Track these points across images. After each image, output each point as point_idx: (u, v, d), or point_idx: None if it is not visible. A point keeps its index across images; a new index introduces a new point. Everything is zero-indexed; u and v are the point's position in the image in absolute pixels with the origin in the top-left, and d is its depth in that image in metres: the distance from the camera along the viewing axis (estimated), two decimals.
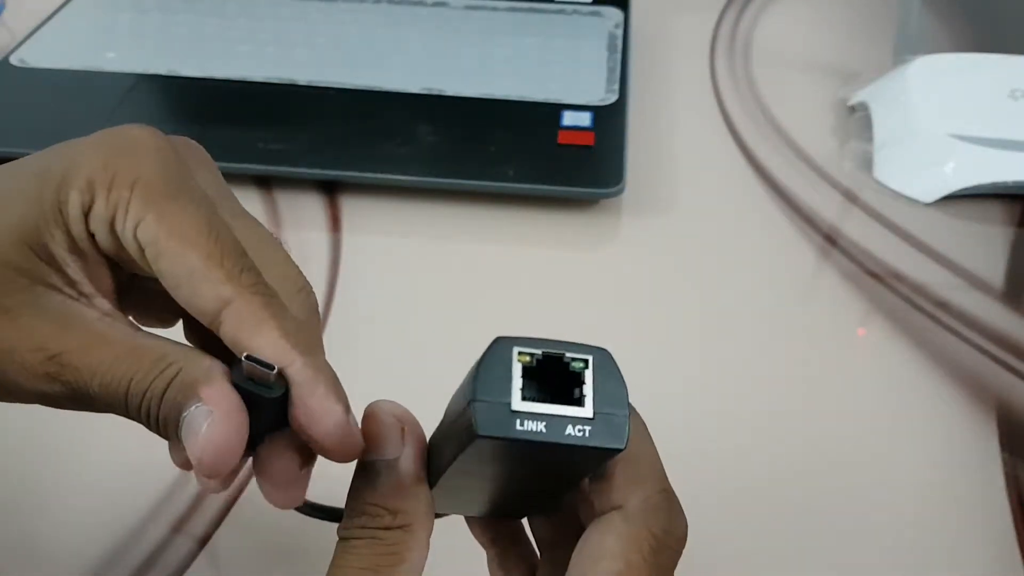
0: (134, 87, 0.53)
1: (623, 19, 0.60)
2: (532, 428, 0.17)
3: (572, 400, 0.17)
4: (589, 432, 0.17)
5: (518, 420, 0.17)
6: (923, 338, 0.41)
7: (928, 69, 0.52)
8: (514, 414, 0.17)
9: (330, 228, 0.47)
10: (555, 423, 0.17)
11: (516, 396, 0.17)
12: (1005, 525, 0.34)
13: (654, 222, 0.47)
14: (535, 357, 0.18)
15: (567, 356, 0.18)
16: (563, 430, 0.17)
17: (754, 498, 0.35)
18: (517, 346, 0.18)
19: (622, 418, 0.17)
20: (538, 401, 0.17)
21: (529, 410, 0.17)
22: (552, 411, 0.17)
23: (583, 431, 0.17)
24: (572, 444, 0.17)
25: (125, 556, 0.33)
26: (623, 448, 0.17)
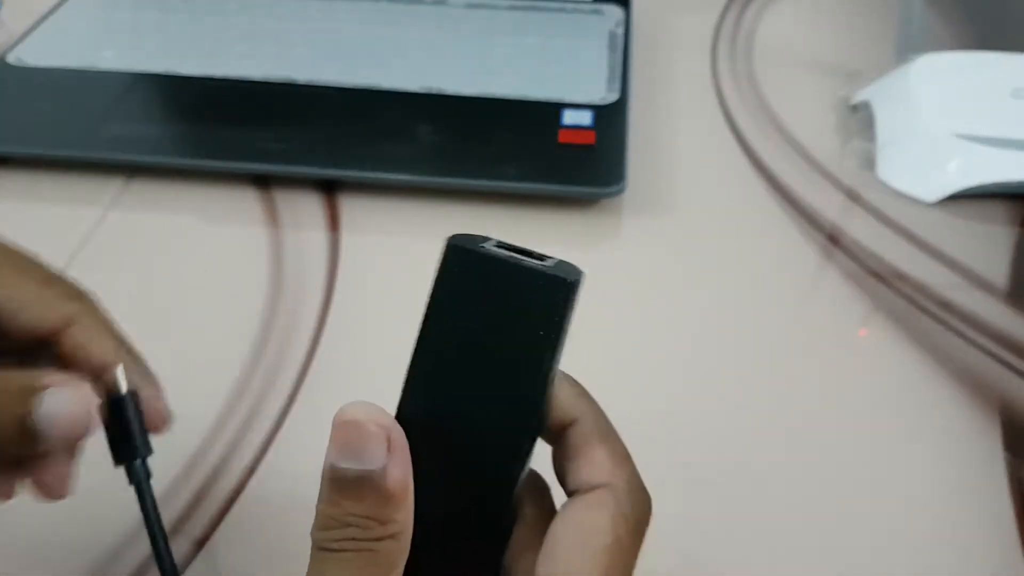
0: (131, 86, 0.53)
1: (624, 18, 0.60)
2: (499, 254, 0.21)
3: (536, 258, 0.21)
4: (550, 268, 0.20)
5: (487, 247, 0.21)
6: (926, 338, 0.41)
7: (931, 68, 0.52)
8: (484, 247, 0.21)
9: (329, 227, 0.46)
10: (519, 260, 0.21)
11: (491, 243, 0.21)
12: (1008, 526, 0.34)
13: (655, 222, 0.47)
14: (502, 244, 0.21)
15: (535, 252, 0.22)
16: (526, 264, 0.20)
17: (755, 498, 0.35)
18: (483, 244, 0.21)
19: (577, 270, 0.21)
20: (509, 251, 0.21)
21: (499, 250, 0.21)
22: (519, 257, 0.21)
23: (544, 267, 0.20)
24: (534, 268, 0.20)
25: (123, 557, 0.33)
26: (580, 278, 0.21)
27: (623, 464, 0.22)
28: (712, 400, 0.38)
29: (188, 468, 0.36)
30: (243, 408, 0.38)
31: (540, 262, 0.21)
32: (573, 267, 0.21)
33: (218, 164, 0.48)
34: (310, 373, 0.39)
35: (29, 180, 0.49)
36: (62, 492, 0.25)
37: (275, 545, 0.33)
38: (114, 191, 0.48)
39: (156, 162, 0.49)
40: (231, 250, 0.45)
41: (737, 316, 0.42)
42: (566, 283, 0.20)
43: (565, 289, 0.20)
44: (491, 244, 0.22)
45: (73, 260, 0.45)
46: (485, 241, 0.22)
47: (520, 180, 0.47)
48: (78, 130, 0.50)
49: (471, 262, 0.21)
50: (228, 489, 0.35)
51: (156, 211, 0.47)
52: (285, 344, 0.40)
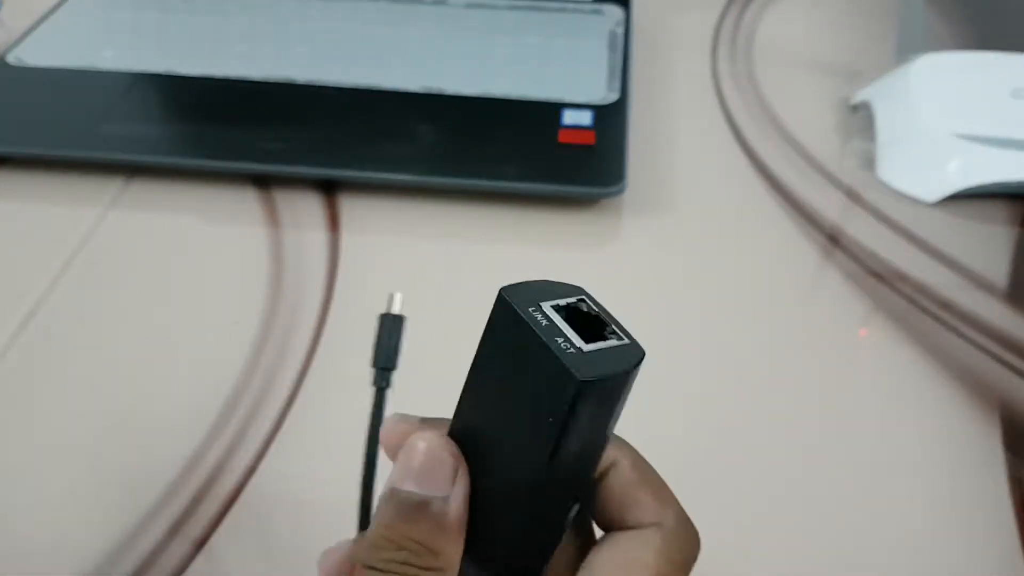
0: (131, 86, 0.53)
1: (624, 18, 0.60)
2: (535, 320, 0.18)
3: (604, 335, 0.18)
4: (573, 356, 0.18)
5: (538, 307, 0.18)
6: (926, 338, 0.41)
7: (931, 68, 0.52)
8: (529, 309, 0.18)
9: (329, 227, 0.46)
10: (550, 334, 0.18)
11: (550, 303, 0.18)
12: (1008, 526, 0.34)
13: (655, 221, 0.47)
14: (561, 307, 0.19)
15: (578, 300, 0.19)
16: (551, 344, 0.18)
17: (755, 498, 0.35)
18: (543, 301, 0.19)
19: (632, 338, 0.19)
20: (595, 340, 0.18)
21: (546, 314, 0.18)
22: (606, 345, 0.18)
23: (568, 352, 0.18)
24: (552, 352, 0.18)
25: (123, 558, 0.33)
26: (603, 377, 0.18)
27: (670, 504, 0.21)
28: (712, 400, 0.38)
29: (188, 468, 0.36)
30: (243, 408, 0.38)
31: (581, 343, 0.18)
32: (616, 357, 0.18)
33: (218, 164, 0.48)
34: (310, 373, 0.39)
35: (29, 180, 0.49)
36: None
37: (275, 545, 0.33)
38: (114, 191, 0.48)
39: (156, 162, 0.48)
40: (231, 250, 0.45)
41: (737, 316, 0.42)
42: (574, 381, 0.17)
43: (572, 387, 0.17)
44: (549, 304, 0.19)
45: (73, 260, 0.45)
46: (548, 297, 0.19)
47: (520, 180, 0.47)
48: (78, 130, 0.50)
49: (510, 320, 0.19)
50: (228, 489, 0.35)
51: (156, 211, 0.47)
52: (285, 344, 0.40)
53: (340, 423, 0.35)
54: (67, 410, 0.38)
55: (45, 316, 0.42)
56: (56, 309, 0.42)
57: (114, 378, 0.39)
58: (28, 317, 0.42)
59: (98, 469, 0.36)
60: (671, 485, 0.36)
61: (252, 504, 0.34)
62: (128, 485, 0.35)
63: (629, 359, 0.18)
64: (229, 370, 0.39)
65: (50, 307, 0.42)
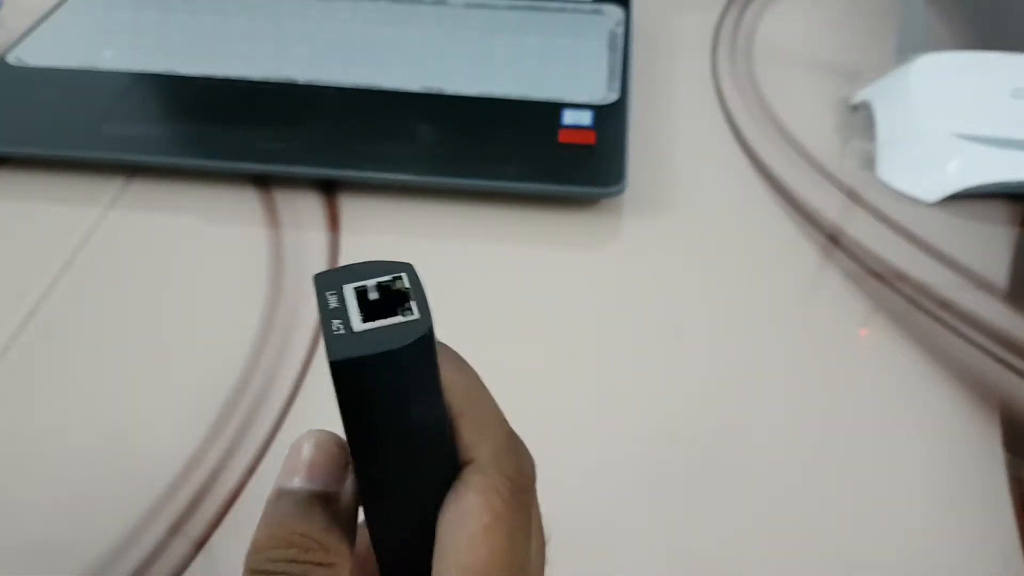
0: (131, 86, 0.53)
1: (624, 17, 0.60)
2: (330, 303, 0.18)
3: (396, 312, 0.18)
4: (344, 337, 0.17)
5: (340, 289, 0.18)
6: (926, 338, 0.41)
7: (931, 68, 0.52)
8: (358, 335, 0.17)
9: (329, 227, 0.46)
10: (394, 331, 0.17)
11: (357, 321, 0.18)
12: (1008, 526, 0.34)
13: (655, 222, 0.47)
14: (367, 287, 0.18)
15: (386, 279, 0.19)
16: (402, 334, 0.17)
17: (754, 497, 0.35)
18: (349, 283, 0.18)
19: (425, 312, 0.18)
20: (380, 318, 0.18)
21: (373, 326, 0.17)
22: (387, 323, 0.17)
23: (338, 335, 0.17)
24: (328, 335, 0.17)
25: (123, 558, 0.33)
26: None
27: (486, 433, 0.20)
28: (712, 399, 0.38)
29: (188, 468, 0.36)
30: (243, 408, 0.38)
31: (357, 322, 0.18)
32: (391, 334, 0.17)
33: (218, 164, 0.48)
34: (310, 372, 0.39)
35: (29, 180, 0.49)
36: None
37: None
38: (114, 191, 0.48)
39: (156, 162, 0.49)
40: (231, 250, 0.45)
41: (737, 316, 0.42)
42: (331, 363, 0.17)
43: (333, 368, 0.17)
44: (353, 285, 0.19)
45: (73, 260, 0.45)
46: (361, 278, 0.19)
47: (520, 180, 0.47)
48: (78, 130, 0.50)
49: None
50: (228, 489, 0.35)
51: (156, 211, 0.47)
52: (285, 344, 0.40)
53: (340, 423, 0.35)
54: (67, 410, 0.38)
55: (45, 316, 0.42)
56: (56, 309, 0.42)
57: (114, 378, 0.39)
58: (28, 317, 0.42)
59: (98, 469, 0.36)
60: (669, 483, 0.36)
61: (253, 504, 0.34)
62: (128, 485, 0.35)
63: (405, 336, 0.17)
64: (229, 370, 0.39)
65: (50, 307, 0.42)
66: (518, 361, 0.40)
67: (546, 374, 0.39)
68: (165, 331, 0.41)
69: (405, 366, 0.18)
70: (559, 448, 0.37)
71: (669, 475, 0.36)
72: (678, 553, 0.33)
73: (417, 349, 0.17)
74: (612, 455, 0.36)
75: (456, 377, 0.20)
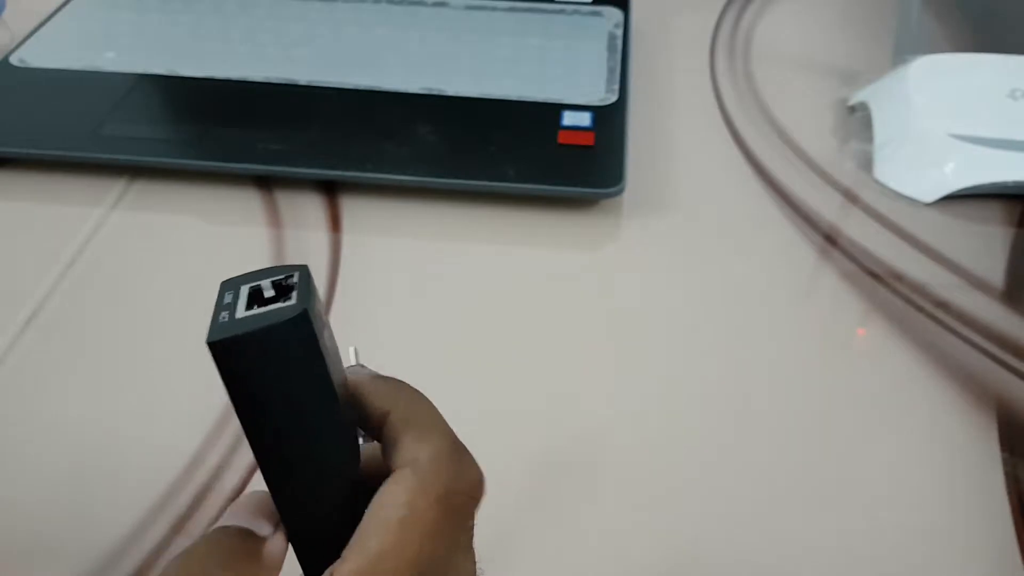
0: (134, 87, 0.53)
1: (623, 19, 0.60)
2: (223, 294, 0.20)
3: (276, 301, 0.20)
4: (224, 322, 0.19)
5: (237, 281, 0.20)
6: (923, 338, 0.41)
7: (928, 69, 0.52)
8: (238, 320, 0.19)
9: (330, 228, 0.47)
10: (269, 315, 0.19)
11: (241, 310, 0.19)
12: (1005, 524, 0.34)
13: (654, 222, 0.47)
14: (261, 284, 0.20)
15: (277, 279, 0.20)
16: (275, 316, 0.19)
17: (752, 496, 0.35)
18: (246, 283, 0.20)
19: (303, 298, 0.19)
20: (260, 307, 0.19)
21: (252, 313, 0.19)
22: (265, 310, 0.19)
23: (220, 322, 0.19)
24: (282, 322, 0.19)
25: (125, 557, 0.33)
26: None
27: (426, 440, 0.21)
28: (711, 399, 0.39)
29: (189, 468, 0.36)
30: None
31: (241, 310, 0.19)
32: (265, 318, 0.19)
33: (220, 165, 0.48)
34: None
35: (33, 180, 0.49)
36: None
37: None
38: (117, 192, 0.49)
39: (159, 163, 0.49)
40: (233, 250, 0.45)
41: (735, 315, 0.42)
42: (208, 344, 0.19)
43: (211, 350, 0.19)
44: (248, 284, 0.20)
45: (77, 260, 0.45)
46: (258, 279, 0.20)
47: (520, 181, 0.47)
48: (81, 131, 0.50)
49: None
50: (229, 489, 0.35)
51: (159, 211, 0.48)
52: None
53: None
54: (69, 410, 0.38)
55: (49, 315, 0.42)
56: (59, 308, 0.42)
57: (116, 378, 0.40)
58: (32, 316, 0.42)
59: (100, 468, 0.36)
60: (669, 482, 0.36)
61: None
62: (130, 484, 0.35)
63: (277, 318, 0.19)
64: None
65: (54, 306, 0.42)
66: (517, 361, 0.40)
67: (545, 373, 0.39)
68: (167, 331, 0.42)
69: (276, 345, 0.19)
70: (558, 446, 0.37)
71: (667, 474, 0.36)
72: (674, 550, 0.33)
73: (288, 329, 0.19)
74: (610, 454, 0.36)
75: (380, 384, 0.22)
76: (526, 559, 0.33)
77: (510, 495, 0.35)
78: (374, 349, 0.40)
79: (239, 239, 0.46)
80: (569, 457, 0.36)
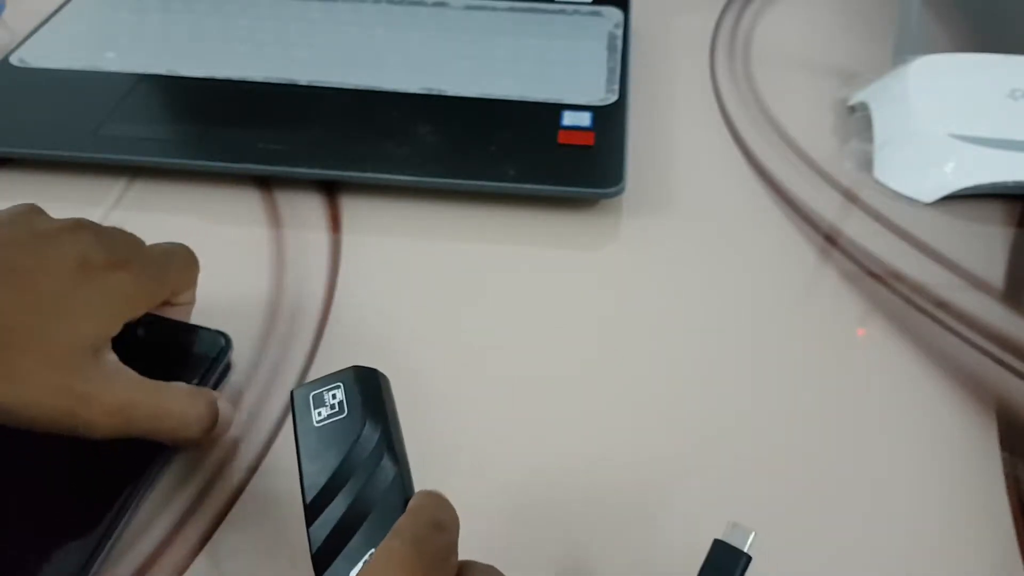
0: (134, 87, 0.53)
1: (623, 19, 0.60)
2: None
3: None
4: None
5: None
6: (923, 338, 0.41)
7: (928, 69, 0.52)
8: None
9: (330, 228, 0.47)
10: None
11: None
12: (1005, 525, 0.34)
13: (654, 222, 0.48)
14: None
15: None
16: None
17: (751, 497, 0.35)
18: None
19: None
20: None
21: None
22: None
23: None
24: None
25: (126, 555, 0.33)
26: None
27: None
28: (710, 399, 0.39)
29: (190, 467, 0.36)
30: (245, 408, 0.38)
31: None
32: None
33: (220, 165, 0.48)
34: (311, 373, 0.40)
35: (32, 181, 0.49)
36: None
37: (276, 545, 0.33)
38: (117, 192, 0.49)
39: (159, 163, 0.49)
40: (233, 250, 0.45)
41: (735, 316, 0.42)
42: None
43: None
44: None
45: None
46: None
47: (520, 181, 0.47)
48: (81, 131, 0.50)
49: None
50: (230, 489, 0.35)
51: (159, 212, 0.48)
52: (286, 343, 0.41)
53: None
54: None
55: None
56: None
57: None
58: None
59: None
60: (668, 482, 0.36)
61: (255, 501, 0.35)
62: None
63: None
64: (232, 368, 0.39)
65: None
66: (517, 361, 0.40)
67: (545, 374, 0.40)
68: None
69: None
70: (556, 446, 0.37)
71: (666, 474, 0.36)
72: (673, 549, 0.33)
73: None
74: (609, 454, 0.36)
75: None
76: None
77: (506, 499, 0.35)
78: (375, 349, 0.40)
79: (239, 239, 0.46)
80: (565, 456, 0.36)
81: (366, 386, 0.29)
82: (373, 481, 0.27)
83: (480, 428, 0.37)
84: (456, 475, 0.34)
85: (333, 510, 0.26)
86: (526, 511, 0.34)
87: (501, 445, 0.37)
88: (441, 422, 0.37)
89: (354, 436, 0.28)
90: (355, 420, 0.28)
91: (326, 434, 0.28)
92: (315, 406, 0.29)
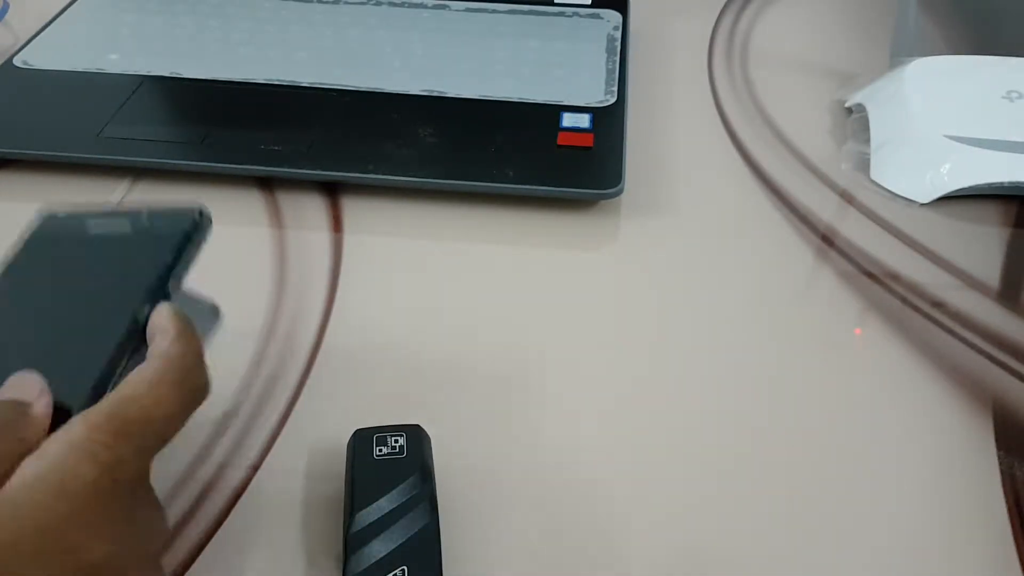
0: (137, 89, 0.54)
1: (622, 21, 0.60)
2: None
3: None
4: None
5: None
6: (919, 338, 0.41)
7: (924, 71, 0.53)
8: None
9: (332, 229, 0.47)
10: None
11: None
12: (1001, 524, 0.34)
13: (653, 223, 0.48)
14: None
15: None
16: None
17: (749, 498, 0.35)
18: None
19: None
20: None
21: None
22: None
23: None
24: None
25: None
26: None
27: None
28: (709, 399, 0.39)
29: (191, 467, 0.36)
30: (246, 407, 0.38)
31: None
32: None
33: (223, 167, 0.49)
34: (312, 373, 0.40)
35: (36, 182, 0.50)
36: None
37: (276, 545, 0.33)
38: (121, 193, 0.49)
39: (162, 164, 0.49)
40: (235, 251, 0.46)
41: (733, 315, 0.43)
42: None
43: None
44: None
45: None
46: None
47: (519, 182, 0.47)
48: (84, 132, 0.50)
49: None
50: (231, 488, 0.35)
51: None
52: (288, 344, 0.41)
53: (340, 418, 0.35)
54: None
55: None
56: None
57: None
58: None
59: None
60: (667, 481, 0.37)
61: (256, 501, 0.35)
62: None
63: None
64: (232, 370, 0.40)
65: None
66: (517, 361, 0.40)
67: (544, 374, 0.40)
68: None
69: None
70: (556, 447, 0.37)
71: (665, 474, 0.36)
72: (673, 548, 0.33)
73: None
74: (608, 455, 0.37)
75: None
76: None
77: (501, 500, 0.35)
78: (375, 349, 0.41)
79: (242, 239, 0.46)
80: (564, 456, 0.37)
81: (425, 445, 0.33)
82: (411, 528, 0.30)
83: (479, 426, 0.38)
84: (452, 471, 0.34)
85: (375, 548, 0.29)
86: (520, 507, 0.35)
87: (500, 443, 0.37)
88: (440, 421, 0.37)
89: (408, 476, 0.31)
90: (412, 465, 0.32)
91: (384, 468, 0.32)
92: (377, 444, 0.33)
